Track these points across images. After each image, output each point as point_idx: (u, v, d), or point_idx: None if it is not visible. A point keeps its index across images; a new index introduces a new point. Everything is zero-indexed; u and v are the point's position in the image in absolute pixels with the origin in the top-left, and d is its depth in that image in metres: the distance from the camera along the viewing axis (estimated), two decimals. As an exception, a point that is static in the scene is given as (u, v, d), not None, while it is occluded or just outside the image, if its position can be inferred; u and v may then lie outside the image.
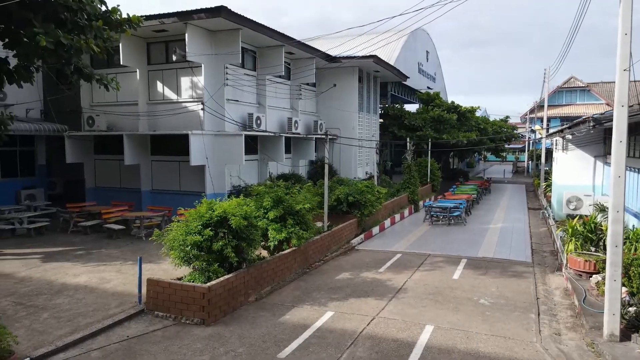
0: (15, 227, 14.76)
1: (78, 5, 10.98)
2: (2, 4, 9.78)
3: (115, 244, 13.63)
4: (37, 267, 11.12)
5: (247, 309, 8.75)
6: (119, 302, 8.75)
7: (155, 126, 17.44)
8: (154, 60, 17.66)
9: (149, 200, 17.69)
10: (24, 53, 11.65)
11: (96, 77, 12.52)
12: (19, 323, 7.60)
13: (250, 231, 8.94)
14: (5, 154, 19.15)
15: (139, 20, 13.58)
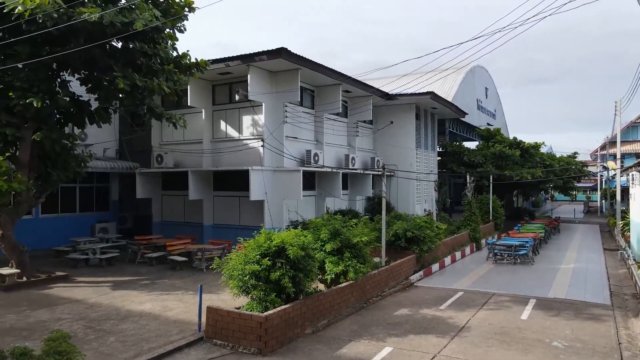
0: (89, 257, 15.70)
1: (153, 50, 11.93)
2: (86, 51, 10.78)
3: (178, 275, 14.08)
4: (106, 295, 11.68)
5: (304, 341, 8.64)
6: (179, 329, 8.95)
7: (217, 163, 18.23)
8: (218, 101, 18.68)
9: (210, 234, 18.26)
10: (104, 96, 12.79)
11: (166, 115, 13.40)
12: (88, 345, 7.94)
13: (307, 262, 8.95)
14: (83, 190, 20.69)
15: (205, 64, 14.59)
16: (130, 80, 11.54)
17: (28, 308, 10.44)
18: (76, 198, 20.48)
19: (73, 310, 10.23)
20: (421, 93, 22.55)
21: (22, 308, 10.44)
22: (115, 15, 10.54)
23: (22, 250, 13.07)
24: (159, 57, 12.57)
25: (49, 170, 13.43)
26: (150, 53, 12.07)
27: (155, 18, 11.14)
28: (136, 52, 11.92)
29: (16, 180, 11.86)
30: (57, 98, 12.16)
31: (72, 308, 10.44)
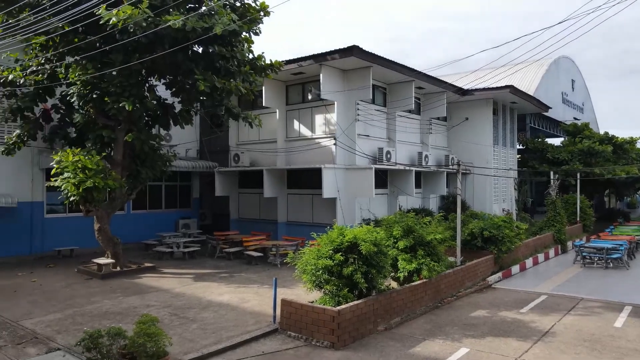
0: (174, 251, 16.76)
1: (231, 53, 12.47)
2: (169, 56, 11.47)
3: (254, 270, 14.60)
4: (189, 285, 12.41)
5: (376, 338, 8.60)
6: (255, 320, 9.28)
7: (291, 161, 18.66)
8: (292, 101, 19.11)
9: (284, 231, 18.73)
10: (186, 98, 13.57)
11: (242, 115, 13.94)
12: (172, 330, 8.48)
13: (379, 258, 8.90)
14: (168, 188, 22.11)
15: (279, 65, 14.99)
16: (210, 82, 12.17)
17: (121, 295, 11.36)
18: (162, 196, 21.93)
19: (160, 298, 10.97)
20: (499, 87, 21.54)
21: (116, 294, 11.38)
22: (197, 21, 11.17)
23: (116, 243, 14.25)
24: (236, 59, 13.14)
25: (138, 168, 14.52)
26: (228, 56, 12.66)
27: (232, 22, 11.65)
28: (215, 55, 12.56)
29: (111, 178, 12.96)
30: (145, 101, 13.11)
31: (159, 296, 11.20)
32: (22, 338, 8.25)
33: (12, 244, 16.61)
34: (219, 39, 12.41)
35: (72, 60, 13.00)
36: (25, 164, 16.93)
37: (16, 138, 14.44)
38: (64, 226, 17.99)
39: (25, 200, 16.88)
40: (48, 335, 8.33)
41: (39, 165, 17.25)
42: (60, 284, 12.51)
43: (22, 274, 13.88)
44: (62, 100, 14.84)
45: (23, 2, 12.28)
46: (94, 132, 13.60)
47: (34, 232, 17.26)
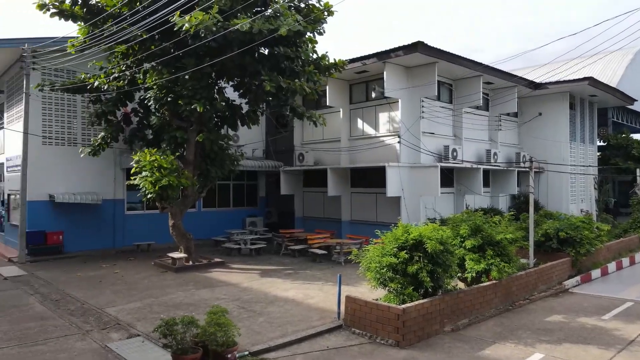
0: (241, 247, 17.36)
1: (295, 54, 12.70)
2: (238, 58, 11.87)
3: (318, 267, 14.77)
4: (256, 280, 12.80)
5: (442, 338, 8.39)
6: (320, 316, 9.39)
7: (355, 160, 18.66)
8: (355, 99, 19.11)
9: (347, 229, 18.77)
10: (253, 99, 13.99)
11: (307, 114, 14.14)
12: (241, 323, 8.78)
13: (446, 257, 8.67)
14: (236, 187, 22.94)
15: (343, 64, 15.05)
16: (275, 82, 12.48)
17: (193, 287, 11.95)
18: (230, 194, 22.79)
19: (229, 292, 11.41)
20: (576, 79, 20.22)
21: (189, 287, 11.99)
22: (263, 23, 11.50)
23: (188, 238, 15.01)
24: (301, 59, 13.37)
25: (208, 167, 15.19)
26: (292, 56, 12.92)
27: (297, 23, 11.87)
28: (280, 56, 12.86)
29: (184, 176, 13.68)
30: (215, 103, 13.71)
31: (228, 290, 11.66)
32: (106, 324, 8.93)
33: (97, 238, 18.02)
34: (284, 40, 12.71)
35: (149, 67, 13.87)
36: (108, 164, 18.30)
37: (101, 140, 15.64)
38: (141, 222, 19.22)
39: (108, 198, 18.26)
40: (129, 322, 8.94)
41: (120, 165, 18.57)
42: (139, 276, 13.39)
43: (106, 265, 15.01)
44: (140, 104, 15.87)
45: (106, 13, 13.27)
46: (169, 133, 14.41)
47: (116, 228, 18.61)
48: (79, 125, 17.80)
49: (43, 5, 13.05)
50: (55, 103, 17.28)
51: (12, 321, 9.06)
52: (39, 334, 8.27)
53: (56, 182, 17.10)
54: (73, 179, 17.46)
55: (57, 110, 17.33)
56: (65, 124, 17.54)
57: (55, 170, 17.13)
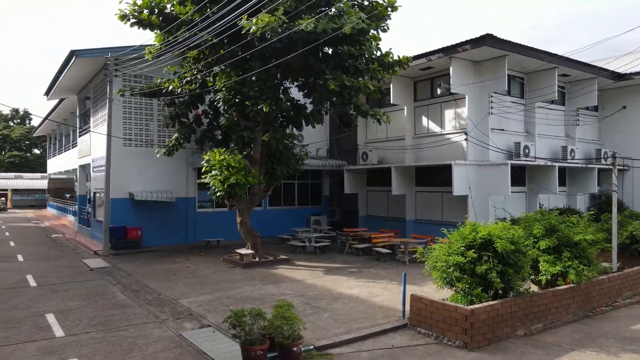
0: (306, 245, 17.63)
1: (359, 52, 12.69)
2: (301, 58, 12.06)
3: (382, 266, 14.66)
4: (320, 278, 12.94)
5: (514, 342, 8.01)
6: (384, 314, 9.32)
7: (419, 158, 18.31)
8: (420, 97, 18.74)
9: (412, 229, 18.46)
10: (317, 98, 14.14)
11: (371, 112, 14.07)
12: (305, 318, 8.90)
13: (517, 257, 8.27)
14: (300, 186, 23.33)
15: (407, 60, 14.83)
16: (339, 81, 12.55)
17: (260, 283, 12.30)
18: (295, 193, 23.22)
19: (294, 288, 11.63)
20: (668, 68, 18.46)
21: (255, 282, 12.36)
22: (327, 22, 11.61)
23: (255, 235, 15.48)
24: (364, 57, 13.34)
25: (274, 166, 15.58)
26: (356, 54, 12.92)
27: (361, 21, 11.86)
28: (344, 54, 12.91)
29: (251, 175, 14.13)
30: (280, 103, 14.03)
31: (293, 286, 11.88)
32: (180, 314, 9.43)
33: (171, 234, 19.08)
34: (347, 39, 12.75)
35: (219, 70, 14.48)
36: (181, 164, 19.31)
37: (174, 141, 16.54)
38: (211, 220, 20.09)
39: (181, 196, 19.27)
40: (200, 313, 9.39)
41: (191, 165, 19.53)
42: (209, 270, 14.00)
43: (179, 260, 15.84)
44: (210, 105, 16.60)
45: (179, 20, 14.01)
46: (236, 133, 14.95)
47: (188, 225, 19.60)
48: (155, 128, 18.94)
49: (124, 16, 14.03)
50: (134, 107, 18.51)
51: (98, 308, 9.83)
52: (121, 321, 8.90)
53: (135, 181, 18.32)
54: (150, 178, 18.62)
55: (135, 114, 18.56)
56: (143, 127, 18.73)
57: (134, 170, 18.35)
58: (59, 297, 10.69)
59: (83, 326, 8.53)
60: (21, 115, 73.48)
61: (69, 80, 20.83)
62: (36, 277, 13.02)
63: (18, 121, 73.27)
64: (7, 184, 50.63)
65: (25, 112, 72.95)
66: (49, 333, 8.13)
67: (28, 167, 62.76)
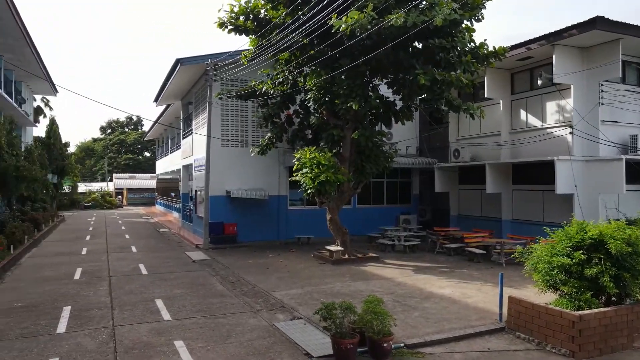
0: (395, 244, 17.41)
1: (451, 44, 12.25)
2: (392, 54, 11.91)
3: (476, 267, 14.00)
4: (410, 276, 12.70)
5: (631, 355, 7.21)
6: (479, 316, 8.89)
7: (517, 154, 17.22)
8: (517, 89, 17.61)
9: (508, 229, 17.42)
10: (407, 94, 13.90)
11: (464, 107, 13.52)
12: (395, 315, 8.75)
13: (635, 260, 7.43)
14: (389, 185, 23.09)
15: (504, 51, 14.04)
16: (430, 75, 12.21)
17: (349, 279, 12.38)
18: (384, 192, 23.03)
19: (383, 286, 11.54)
20: None
21: (345, 279, 12.46)
22: (417, 16, 11.36)
23: (344, 232, 15.61)
24: (457, 49, 12.84)
25: (363, 164, 15.58)
26: (448, 46, 12.48)
27: (453, 11, 11.44)
28: (435, 47, 12.53)
29: (340, 172, 14.27)
30: (370, 100, 14.00)
31: (382, 284, 11.80)
32: (273, 305, 9.81)
33: (263, 230, 19.91)
34: (438, 31, 12.38)
35: (309, 70, 14.82)
36: (274, 163, 20.07)
37: (267, 140, 17.25)
38: (302, 217, 20.63)
39: (273, 194, 20.02)
40: (292, 306, 9.68)
41: (283, 164, 20.22)
42: (300, 266, 14.39)
43: (272, 255, 16.48)
44: (301, 105, 17.06)
45: (272, 24, 14.58)
46: (326, 131, 15.19)
47: (280, 221, 20.32)
48: (249, 129, 19.91)
49: (222, 23, 14.92)
50: (231, 110, 19.61)
51: (199, 296, 10.55)
52: (220, 309, 9.47)
53: (231, 180, 19.39)
54: (245, 176, 19.60)
55: (232, 116, 19.65)
56: (239, 128, 19.78)
57: (231, 169, 19.44)
58: (166, 285, 11.66)
59: (187, 312, 9.22)
60: (135, 121, 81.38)
61: (175, 86, 22.64)
62: (147, 266, 14.31)
63: (132, 127, 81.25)
64: (123, 183, 56.35)
65: (138, 119, 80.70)
66: (158, 316, 8.90)
67: (140, 169, 69.42)
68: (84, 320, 8.61)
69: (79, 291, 10.98)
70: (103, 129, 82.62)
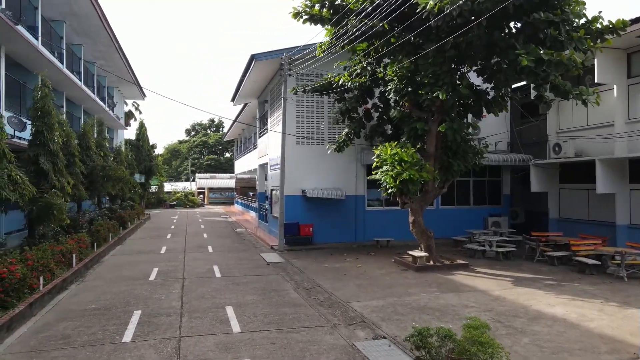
0: (486, 250, 15.58)
1: (561, 17, 10.39)
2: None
3: (589, 280, 11.91)
4: (509, 289, 10.99)
5: None
6: (609, 347, 7.14)
7: (634, 148, 14.66)
8: (636, 72, 15.00)
9: (625, 236, 14.89)
10: (503, 80, 12.13)
11: (574, 92, 11.53)
12: (499, 340, 7.29)
13: None
14: (476, 184, 21.09)
15: (625, 25, 11.81)
16: (534, 55, 10.42)
17: (437, 290, 10.96)
18: (470, 191, 21.08)
19: (478, 300, 10.01)
20: None
21: (432, 289, 11.06)
22: (520, -15, 9.69)
23: (429, 236, 14.14)
24: (567, 23, 10.91)
25: (450, 160, 14.01)
26: (557, 20, 10.60)
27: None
28: (541, 22, 10.70)
29: (424, 170, 12.86)
30: (458, 89, 12.42)
31: (476, 297, 10.25)
32: (352, 319, 8.71)
33: (340, 232, 18.91)
34: (542, 4, 10.58)
35: (389, 60, 13.54)
36: (350, 161, 19.00)
37: (344, 136, 16.22)
38: (380, 218, 19.37)
39: (350, 193, 18.96)
40: (373, 321, 8.52)
41: (360, 161, 19.09)
42: (380, 272, 13.18)
43: (349, 259, 15.41)
44: (380, 98, 15.83)
45: (348, 8, 13.47)
46: (409, 125, 13.83)
47: (357, 223, 19.21)
48: (325, 125, 19.01)
49: (297, 13, 14.08)
50: (306, 106, 18.84)
51: (272, 304, 9.74)
52: (293, 321, 8.56)
53: (307, 179, 18.62)
54: (320, 175, 18.74)
55: (307, 112, 18.87)
56: (314, 125, 18.95)
57: (306, 168, 18.67)
58: (239, 290, 11.01)
59: (258, 323, 8.41)
60: (216, 124, 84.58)
61: (250, 84, 22.38)
62: (221, 267, 13.88)
63: (214, 129, 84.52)
64: (205, 183, 58.43)
65: (219, 121, 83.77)
66: (227, 327, 8.16)
67: (221, 169, 71.86)
68: (152, 328, 8.10)
69: (152, 293, 10.66)
70: (188, 132, 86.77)
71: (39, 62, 16.40)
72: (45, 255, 10.56)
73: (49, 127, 12.83)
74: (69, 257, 12.40)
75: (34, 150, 12.56)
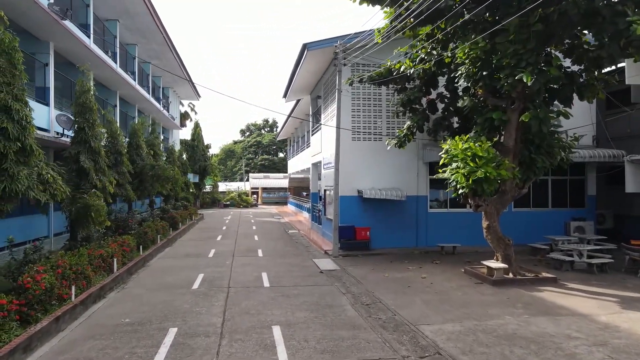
0: (574, 260, 13.32)
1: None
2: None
3: None
4: (617, 314, 8.91)
5: None
6: None
7: None
8: None
9: None
10: (607, 55, 10.01)
11: None
12: (627, 391, 5.48)
13: None
14: (556, 183, 18.63)
15: None
16: (653, 22, 8.32)
17: (524, 312, 9.07)
18: (548, 192, 18.65)
19: (581, 328, 8.05)
20: None
21: (517, 310, 9.19)
22: None
23: (507, 244, 12.18)
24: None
25: (532, 155, 12.00)
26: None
27: None
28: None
29: (503, 167, 10.96)
30: (546, 70, 10.38)
31: (578, 324, 8.29)
32: (424, 350, 7.09)
33: (400, 236, 17.20)
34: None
35: (459, 42, 11.72)
36: (411, 158, 17.23)
37: (406, 130, 14.53)
38: (445, 222, 17.47)
39: (411, 194, 17.19)
40: (452, 354, 6.85)
41: (423, 159, 17.27)
42: (449, 285, 11.41)
43: (412, 267, 13.71)
44: (447, 87, 14.00)
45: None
46: (483, 115, 11.93)
47: (418, 226, 17.41)
48: (383, 120, 17.37)
49: (352, -7, 12.58)
50: (362, 98, 17.29)
51: (326, 325, 8.30)
52: (352, 349, 7.07)
53: (363, 178, 17.08)
54: (378, 174, 17.14)
55: (364, 105, 17.32)
56: (371, 119, 17.36)
57: (362, 166, 17.12)
58: (288, 304, 9.67)
59: (309, 351, 6.98)
60: (270, 124, 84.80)
61: (303, 78, 21.12)
62: (270, 275, 12.65)
63: (267, 129, 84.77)
64: (258, 183, 58.25)
65: (273, 121, 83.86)
66: (272, 356, 6.81)
67: (275, 169, 71.73)
68: (185, 353, 6.90)
69: (193, 306, 9.55)
70: (242, 132, 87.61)
71: (92, 61, 15.96)
72: (81, 261, 9.74)
73: (91, 124, 12.13)
74: (110, 262, 11.62)
75: (75, 148, 11.91)
